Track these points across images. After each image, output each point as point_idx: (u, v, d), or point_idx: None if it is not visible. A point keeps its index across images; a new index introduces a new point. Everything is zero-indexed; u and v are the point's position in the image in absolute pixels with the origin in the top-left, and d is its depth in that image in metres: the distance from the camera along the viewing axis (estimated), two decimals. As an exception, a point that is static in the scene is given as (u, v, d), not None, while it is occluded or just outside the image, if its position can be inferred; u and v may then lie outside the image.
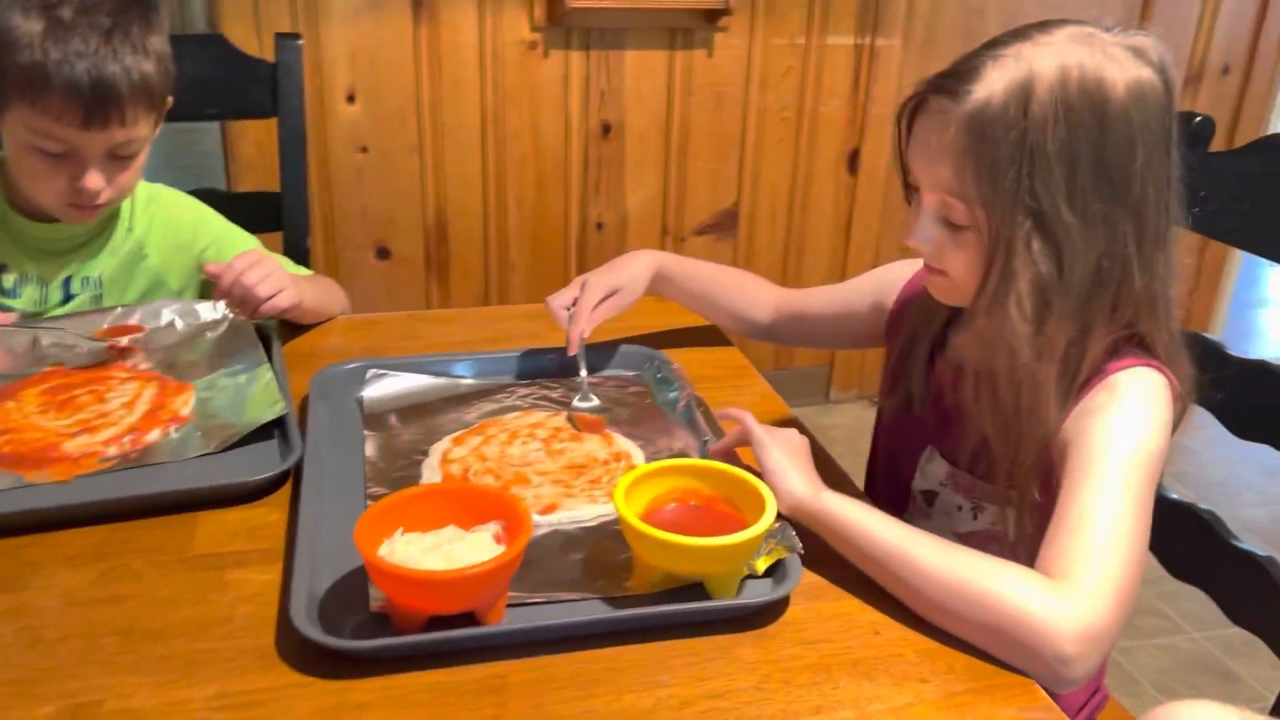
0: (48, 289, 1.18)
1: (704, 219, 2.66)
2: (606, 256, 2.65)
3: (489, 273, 2.58)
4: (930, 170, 0.85)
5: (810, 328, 1.19)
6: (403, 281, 2.54)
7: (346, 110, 2.34)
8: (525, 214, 2.54)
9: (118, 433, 0.98)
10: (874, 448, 1.13)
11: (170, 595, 0.78)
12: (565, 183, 2.54)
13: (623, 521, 0.78)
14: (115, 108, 1.05)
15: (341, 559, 0.82)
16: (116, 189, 1.12)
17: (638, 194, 2.59)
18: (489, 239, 2.55)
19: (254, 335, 1.16)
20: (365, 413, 1.05)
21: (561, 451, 0.98)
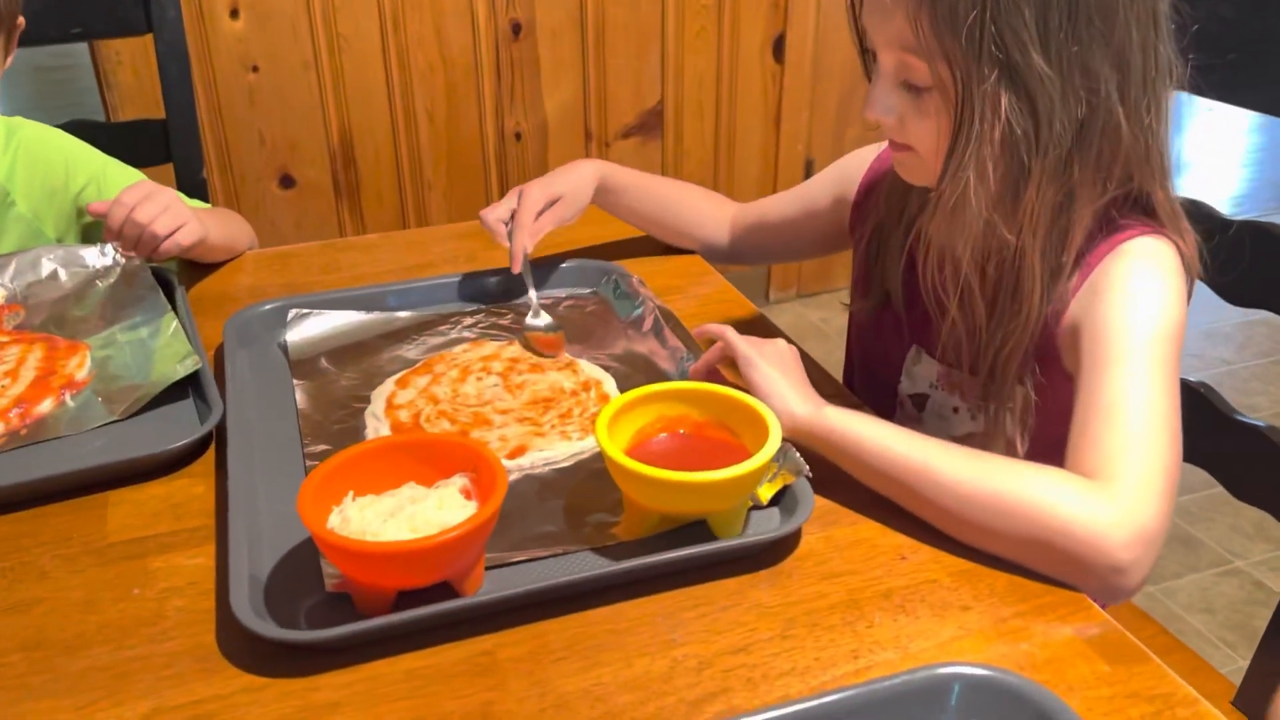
0: None
1: (628, 120, 2.52)
2: (528, 168, 2.52)
3: (404, 195, 2.42)
4: (884, 26, 0.74)
5: (770, 238, 1.09)
6: (311, 211, 2.36)
7: (230, 26, 2.13)
8: (437, 128, 2.37)
9: (3, 406, 0.84)
10: (849, 352, 1.05)
11: (85, 596, 0.66)
12: (478, 91, 2.37)
13: (609, 460, 0.68)
14: None
15: (284, 532, 0.71)
16: None
17: (555, 98, 2.44)
18: (400, 159, 2.38)
19: (152, 280, 1.01)
20: (291, 359, 0.92)
21: (522, 385, 0.87)
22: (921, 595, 0.66)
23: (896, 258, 0.90)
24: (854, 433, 0.72)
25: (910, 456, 0.70)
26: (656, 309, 0.96)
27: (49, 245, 1.04)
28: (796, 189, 1.08)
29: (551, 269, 1.06)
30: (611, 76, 2.46)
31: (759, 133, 2.62)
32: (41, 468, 0.77)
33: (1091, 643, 0.62)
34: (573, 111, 2.47)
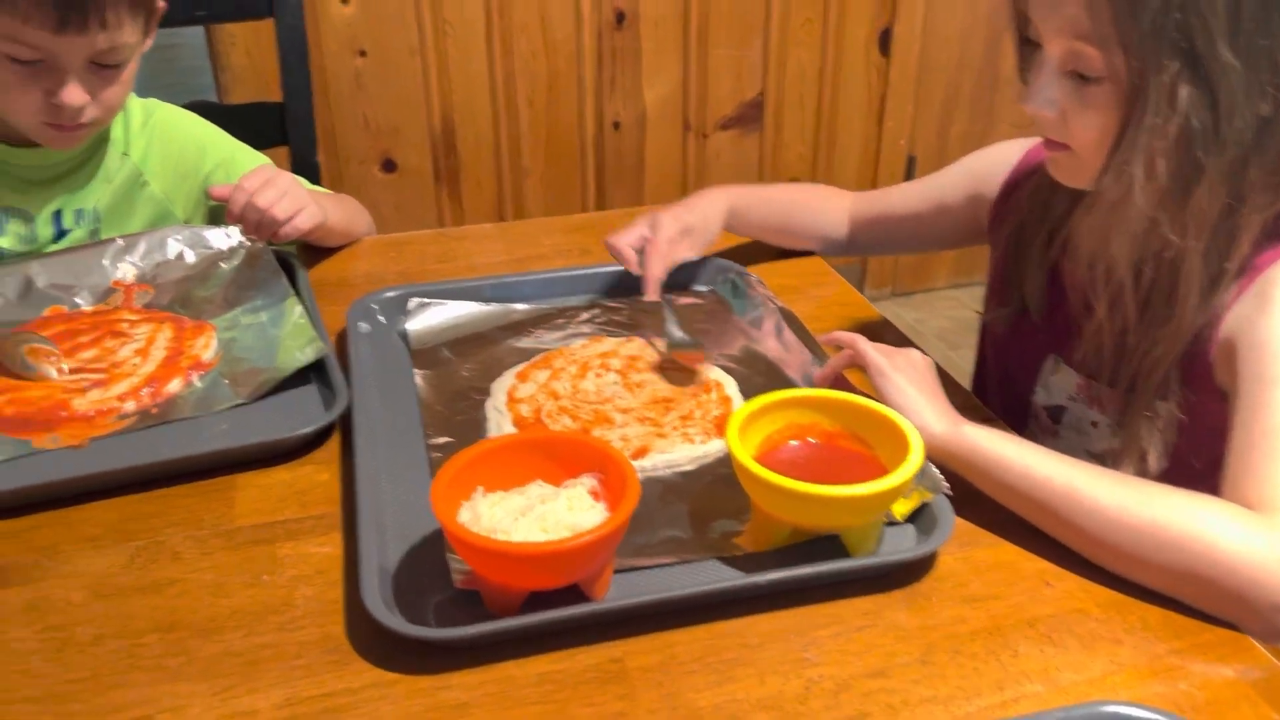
0: (34, 224, 1.04)
1: (727, 112, 2.49)
2: (625, 158, 2.50)
3: (502, 181, 2.43)
4: (1055, 12, 0.71)
5: (893, 231, 1.06)
6: (411, 195, 2.38)
7: (341, 11, 2.15)
8: (537, 116, 2.37)
9: (134, 385, 0.85)
10: (980, 359, 1.01)
11: (216, 579, 0.67)
12: (578, 79, 2.36)
13: (740, 468, 0.66)
14: (94, 7, 0.89)
15: (410, 523, 0.70)
16: (102, 107, 0.96)
17: (656, 88, 2.42)
18: (500, 145, 2.38)
19: (274, 263, 1.02)
20: (412, 347, 0.92)
21: (641, 384, 0.86)
22: (1069, 625, 0.62)
23: (1038, 262, 0.86)
24: (995, 452, 0.69)
25: (1055, 479, 0.67)
26: (777, 310, 0.93)
27: (176, 226, 1.06)
28: (925, 182, 1.05)
29: (667, 265, 1.05)
30: (712, 67, 2.43)
31: (860, 127, 2.57)
32: (169, 448, 0.78)
33: (1256, 686, 0.58)
34: (672, 102, 2.44)
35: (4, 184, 1.02)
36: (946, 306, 2.72)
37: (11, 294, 0.97)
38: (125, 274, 1.01)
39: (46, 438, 0.80)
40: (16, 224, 1.03)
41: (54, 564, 0.68)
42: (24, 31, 0.88)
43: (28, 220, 1.03)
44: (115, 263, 1.02)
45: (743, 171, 2.56)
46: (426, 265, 1.11)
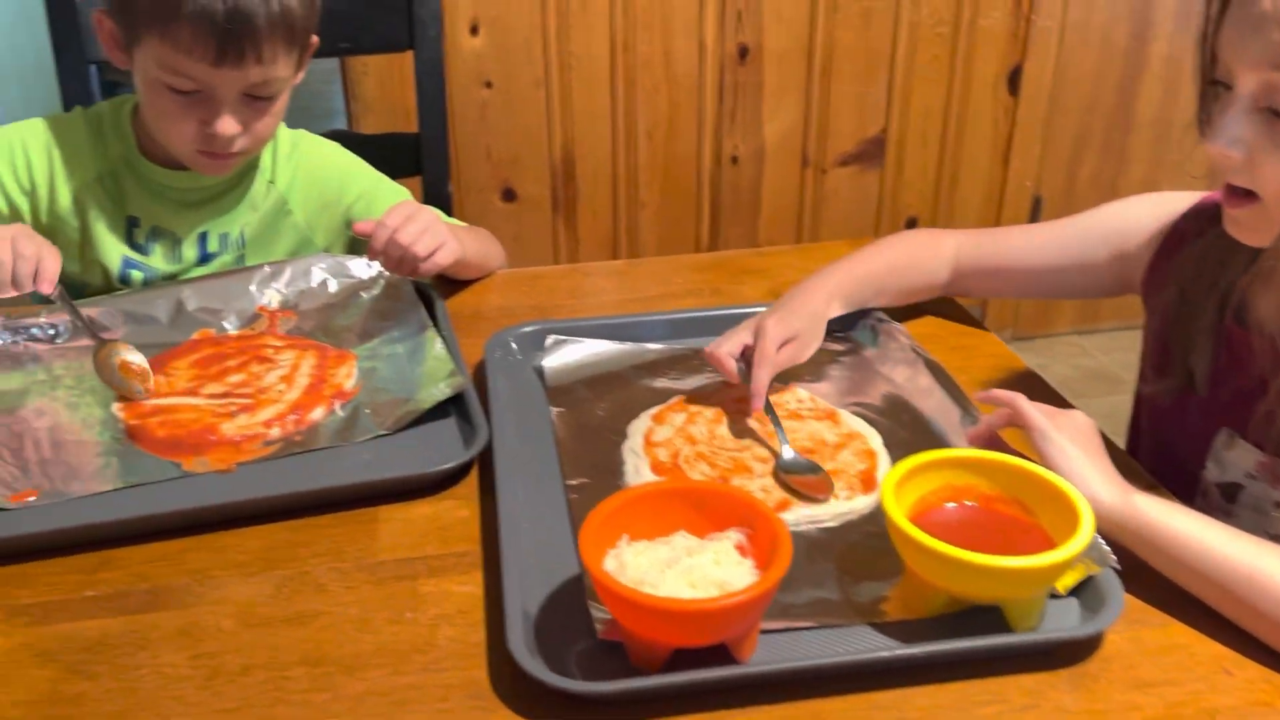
0: (181, 246, 1.08)
1: (848, 148, 2.46)
2: (741, 193, 2.49)
3: (618, 213, 2.44)
4: (1252, 42, 0.66)
5: (1010, 282, 1.00)
6: (529, 224, 2.41)
7: (470, 43, 2.20)
8: (656, 148, 2.38)
9: (280, 411, 0.87)
10: (1134, 428, 0.96)
11: (360, 614, 0.67)
12: (699, 113, 2.36)
13: (897, 531, 0.64)
14: (251, 42, 0.92)
15: (550, 566, 0.70)
16: (252, 137, 1.00)
17: (776, 122, 2.40)
18: (618, 176, 2.40)
19: (414, 295, 1.04)
20: (548, 384, 0.92)
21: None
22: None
23: (1208, 330, 0.81)
24: (1170, 527, 0.65)
25: (1238, 560, 0.63)
26: (923, 360, 0.90)
27: (320, 254, 1.09)
28: (1055, 232, 0.98)
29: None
30: (834, 103, 2.41)
31: (985, 167, 2.51)
32: (313, 476, 0.79)
33: None
34: (791, 137, 2.43)
35: (156, 205, 1.06)
36: (1069, 353, 2.63)
37: (163, 317, 1.01)
38: (270, 300, 1.04)
39: (196, 460, 0.82)
40: (164, 244, 1.07)
41: (205, 589, 0.69)
42: (185, 64, 0.92)
43: (175, 242, 1.07)
44: (261, 289, 1.04)
45: (860, 208, 2.52)
46: (559, 300, 1.11)
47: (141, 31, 0.93)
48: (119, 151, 1.05)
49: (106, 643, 0.64)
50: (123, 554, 0.72)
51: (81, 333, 0.95)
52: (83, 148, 1.04)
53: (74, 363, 0.94)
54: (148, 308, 1.00)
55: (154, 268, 1.07)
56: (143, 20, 0.92)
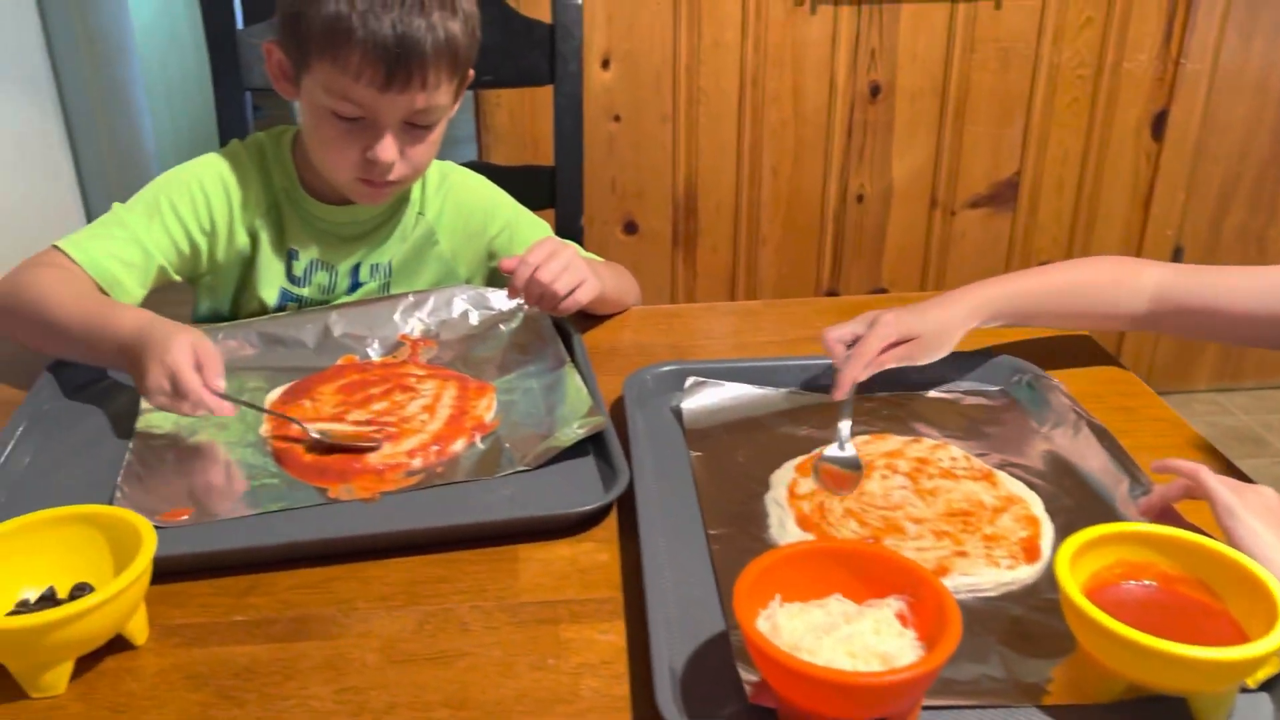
0: (336, 276, 1.10)
1: (979, 190, 2.39)
2: (865, 231, 2.45)
3: (738, 248, 2.42)
4: None
5: (1220, 325, 0.92)
6: (649, 257, 2.41)
7: (600, 76, 2.22)
8: (780, 184, 2.36)
9: (423, 442, 0.87)
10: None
11: (503, 656, 0.66)
12: (826, 150, 2.33)
13: (1074, 609, 0.60)
14: (418, 68, 0.93)
15: (693, 620, 0.68)
16: (410, 165, 1.01)
17: (905, 162, 2.36)
18: (740, 211, 2.38)
19: (552, 330, 1.03)
20: (687, 426, 0.90)
21: (934, 491, 0.80)
22: None
23: None
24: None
25: None
26: (1085, 422, 0.86)
27: (462, 285, 1.09)
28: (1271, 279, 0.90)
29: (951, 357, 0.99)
30: (967, 143, 2.35)
31: (1123, 214, 2.42)
32: (453, 509, 0.79)
33: None
34: (921, 177, 2.38)
35: (315, 239, 1.09)
36: (1207, 411, 2.49)
37: (310, 341, 1.03)
38: (413, 329, 1.05)
39: (341, 488, 0.82)
40: (321, 275, 1.09)
41: (350, 621, 0.69)
42: (353, 88, 0.94)
43: (331, 273, 1.09)
44: (405, 317, 1.06)
45: (989, 252, 2.45)
46: (696, 340, 1.10)
47: (312, 59, 0.95)
48: (282, 185, 1.08)
49: (255, 670, 0.65)
50: (270, 579, 0.73)
51: (234, 350, 0.97)
52: (252, 183, 1.07)
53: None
54: (296, 331, 1.02)
55: (308, 298, 1.09)
56: (314, 47, 0.94)
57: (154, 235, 1.02)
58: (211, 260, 1.07)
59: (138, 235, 1.01)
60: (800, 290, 2.46)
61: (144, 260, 1.01)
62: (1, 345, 1.06)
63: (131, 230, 1.01)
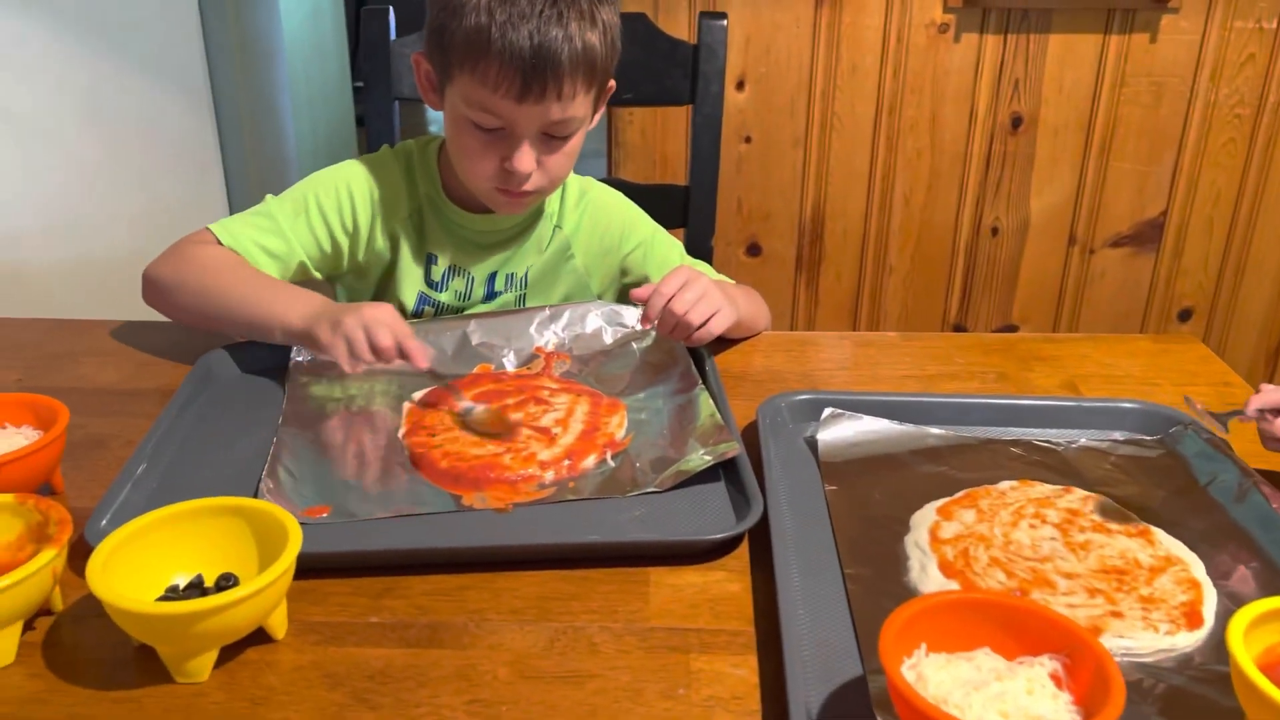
0: (472, 283, 1.12)
1: (1121, 229, 2.30)
2: (998, 265, 2.37)
3: (863, 276, 2.38)
4: None
5: None
6: (771, 280, 2.39)
7: (734, 97, 2.21)
8: (912, 214, 2.31)
9: (556, 455, 0.87)
10: None
11: (632, 682, 0.65)
12: (962, 180, 2.27)
13: (1249, 686, 0.55)
14: (554, 78, 0.94)
15: (829, 662, 0.65)
16: (546, 175, 1.02)
17: (1045, 196, 2.28)
18: (868, 240, 2.34)
19: (685, 350, 1.02)
20: (821, 459, 0.88)
21: (1086, 545, 0.76)
22: None
23: None
24: None
25: None
26: (1253, 485, 0.80)
27: (596, 301, 1.10)
28: None
29: (1102, 403, 0.94)
30: (1111, 180, 2.26)
31: (1276, 261, 2.29)
32: (583, 526, 0.79)
33: None
34: (1060, 212, 2.30)
35: (453, 244, 1.10)
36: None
37: (449, 348, 1.04)
38: (548, 342, 1.06)
39: (475, 496, 0.83)
40: (458, 282, 1.11)
41: (481, 632, 0.69)
42: (490, 100, 0.95)
43: (468, 280, 1.11)
44: (540, 330, 1.06)
45: (1129, 293, 2.35)
46: (829, 370, 1.07)
47: (454, 70, 0.97)
48: (426, 191, 1.10)
49: (390, 674, 0.65)
50: (404, 583, 0.73)
51: None
52: (398, 188, 1.10)
53: (365, 384, 0.98)
54: (436, 338, 1.04)
55: (445, 304, 1.11)
56: (455, 59, 0.96)
57: (299, 231, 1.06)
58: (352, 260, 1.09)
59: (283, 228, 1.05)
60: (925, 322, 2.40)
61: (286, 253, 1.05)
62: (155, 334, 1.11)
63: (278, 223, 1.05)
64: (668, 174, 2.26)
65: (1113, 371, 1.05)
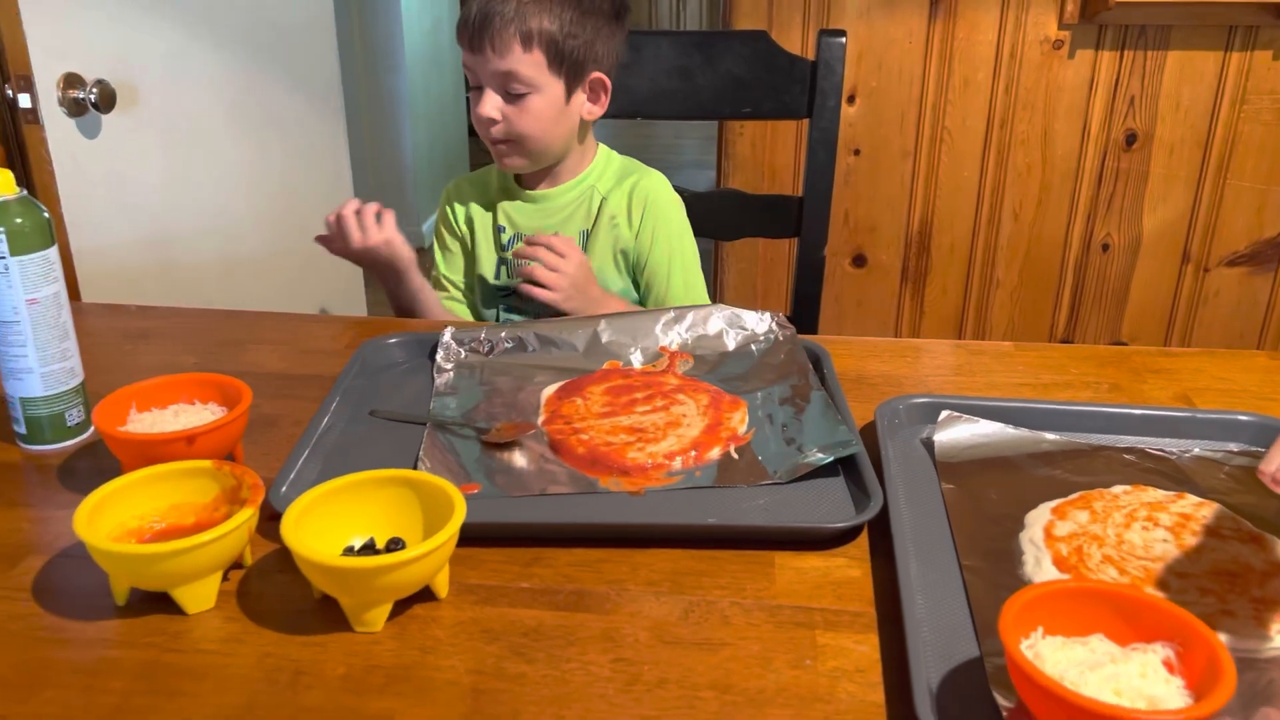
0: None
1: (1238, 248, 2.27)
2: (1108, 282, 2.36)
3: (969, 290, 2.39)
4: None
5: None
6: (875, 291, 2.42)
7: (845, 110, 2.25)
8: (1021, 228, 2.32)
9: (683, 445, 0.93)
10: None
11: (762, 651, 0.71)
12: (1073, 196, 2.27)
13: (1359, 680, 0.58)
14: (486, 33, 1.23)
15: (946, 643, 0.70)
16: (511, 127, 1.28)
17: (1158, 213, 2.26)
18: (975, 253, 2.35)
19: (803, 352, 1.08)
20: (938, 459, 0.92)
21: (1198, 549, 0.79)
22: None
23: None
24: None
25: None
26: (1370, 497, 0.82)
27: (717, 305, 1.16)
28: None
29: (1217, 415, 0.96)
30: (1228, 198, 2.23)
31: (1405, 283, 2.23)
32: (711, 511, 0.85)
33: None
34: (1174, 230, 2.28)
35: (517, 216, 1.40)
36: None
37: (580, 345, 1.11)
38: (672, 342, 1.12)
39: (611, 480, 0.89)
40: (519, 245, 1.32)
41: (621, 600, 0.75)
42: (465, 55, 1.27)
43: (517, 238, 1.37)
44: (665, 330, 1.13)
45: (1244, 313, 2.32)
46: (943, 376, 1.11)
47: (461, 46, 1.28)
48: (499, 184, 1.43)
49: (541, 632, 0.72)
50: (550, 554, 0.80)
51: (513, 349, 1.08)
52: (476, 187, 1.45)
53: (501, 374, 1.06)
54: (569, 335, 1.11)
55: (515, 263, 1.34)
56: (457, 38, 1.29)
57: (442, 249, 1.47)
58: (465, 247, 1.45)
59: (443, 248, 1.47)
60: (1032, 338, 2.40)
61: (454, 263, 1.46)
62: (314, 325, 1.21)
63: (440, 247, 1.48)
64: (776, 185, 2.31)
65: (1228, 386, 1.07)
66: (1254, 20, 2.07)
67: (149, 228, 1.74)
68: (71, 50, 1.56)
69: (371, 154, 3.85)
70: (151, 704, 0.66)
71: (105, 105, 1.60)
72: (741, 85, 1.53)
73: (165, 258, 1.78)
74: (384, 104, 3.84)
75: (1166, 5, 2.04)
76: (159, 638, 0.72)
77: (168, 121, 1.75)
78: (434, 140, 4.17)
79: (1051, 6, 2.11)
